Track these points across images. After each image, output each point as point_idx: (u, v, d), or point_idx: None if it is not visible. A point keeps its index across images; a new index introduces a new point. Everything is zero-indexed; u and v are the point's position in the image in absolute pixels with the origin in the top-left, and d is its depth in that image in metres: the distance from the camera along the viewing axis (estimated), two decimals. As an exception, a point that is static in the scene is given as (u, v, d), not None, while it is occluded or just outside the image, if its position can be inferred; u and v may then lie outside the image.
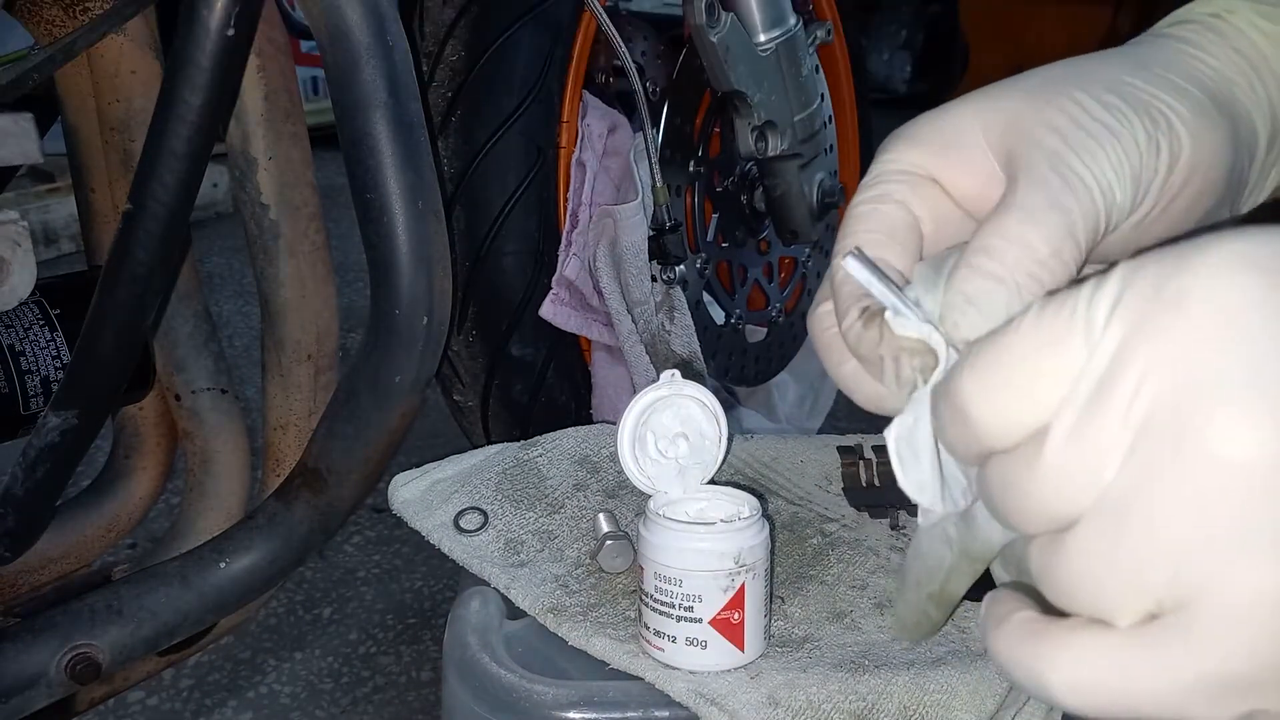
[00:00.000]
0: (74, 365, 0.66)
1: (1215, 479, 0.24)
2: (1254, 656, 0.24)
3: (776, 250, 1.35)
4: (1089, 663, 0.26)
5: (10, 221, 0.63)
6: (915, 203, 0.36)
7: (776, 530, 0.76)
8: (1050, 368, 0.26)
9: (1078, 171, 0.32)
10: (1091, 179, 0.32)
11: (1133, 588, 0.26)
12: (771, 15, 1.06)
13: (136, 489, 0.83)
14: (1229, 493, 0.24)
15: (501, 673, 0.60)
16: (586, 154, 1.12)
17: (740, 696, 0.58)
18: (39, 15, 0.70)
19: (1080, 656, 0.26)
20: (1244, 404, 0.24)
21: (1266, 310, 0.24)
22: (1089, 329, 0.26)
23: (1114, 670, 0.26)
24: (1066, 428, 0.26)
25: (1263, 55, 0.37)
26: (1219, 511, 0.24)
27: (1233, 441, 0.24)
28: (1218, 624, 0.24)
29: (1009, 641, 0.28)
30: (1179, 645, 0.25)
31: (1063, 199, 0.32)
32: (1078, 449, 0.26)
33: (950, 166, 0.36)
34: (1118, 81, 0.34)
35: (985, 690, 0.58)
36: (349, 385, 0.67)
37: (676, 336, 1.13)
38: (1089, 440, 0.26)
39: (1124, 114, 0.33)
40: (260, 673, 1.16)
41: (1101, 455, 0.26)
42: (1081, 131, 0.33)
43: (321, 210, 0.76)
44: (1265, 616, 0.24)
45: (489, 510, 0.75)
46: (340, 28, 0.60)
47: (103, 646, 0.63)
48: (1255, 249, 0.25)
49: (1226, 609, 0.24)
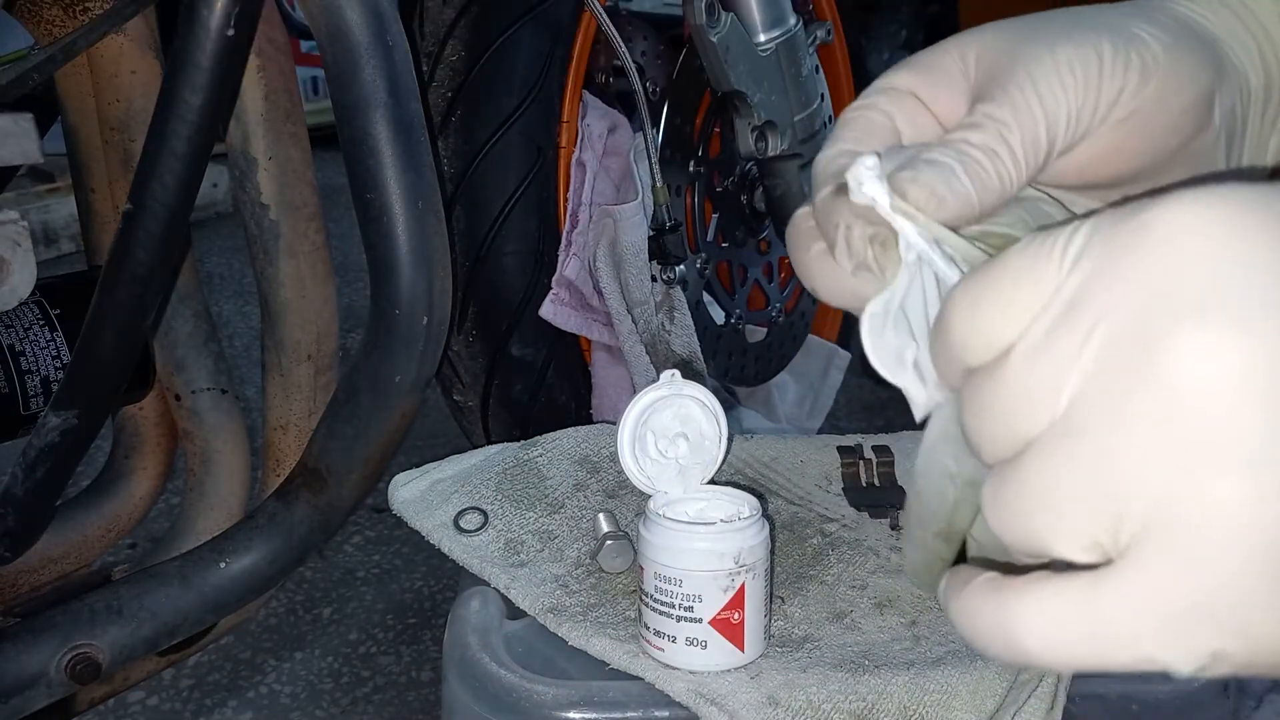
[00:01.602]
0: (74, 365, 0.66)
1: (1174, 397, 0.24)
2: (1221, 581, 0.24)
3: (776, 250, 1.35)
4: (1056, 612, 0.26)
5: (10, 221, 0.63)
6: (897, 114, 0.39)
7: (776, 530, 0.76)
8: (1027, 291, 0.27)
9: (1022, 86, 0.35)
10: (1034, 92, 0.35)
11: (1086, 510, 0.25)
12: (771, 15, 1.06)
13: (136, 489, 0.83)
14: (1190, 411, 0.24)
15: (501, 673, 0.60)
16: (586, 154, 1.12)
17: (740, 696, 0.58)
18: (39, 15, 0.70)
19: (1046, 607, 0.26)
20: (1204, 322, 0.24)
21: (1230, 236, 0.25)
22: (1064, 257, 0.27)
23: (1082, 614, 0.26)
24: (1030, 343, 0.27)
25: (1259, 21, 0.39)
26: (1178, 430, 0.24)
27: (1192, 360, 0.24)
28: (1180, 548, 0.24)
29: (971, 604, 0.28)
30: (1142, 576, 0.25)
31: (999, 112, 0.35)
32: (1038, 364, 0.26)
33: (931, 86, 0.39)
34: (1096, 11, 0.37)
35: (985, 690, 0.58)
36: (349, 385, 0.67)
37: (676, 336, 1.13)
38: (1050, 356, 0.26)
39: (1091, 29, 0.35)
40: (260, 673, 1.16)
41: (1061, 372, 0.26)
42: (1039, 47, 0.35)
43: (321, 210, 0.76)
44: (1232, 537, 0.24)
45: (489, 510, 0.75)
46: (340, 28, 0.60)
47: (103, 646, 0.63)
48: (1225, 190, 0.25)
49: (1189, 530, 0.24)
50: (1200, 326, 0.24)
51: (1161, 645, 0.25)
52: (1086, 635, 0.26)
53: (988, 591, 0.28)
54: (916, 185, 0.34)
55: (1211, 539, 0.24)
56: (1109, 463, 0.25)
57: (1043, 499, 0.26)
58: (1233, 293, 0.24)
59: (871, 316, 0.34)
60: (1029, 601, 0.27)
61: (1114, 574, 0.25)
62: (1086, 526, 0.26)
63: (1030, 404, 0.27)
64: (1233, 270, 0.24)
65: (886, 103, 0.39)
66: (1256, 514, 0.24)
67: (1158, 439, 0.24)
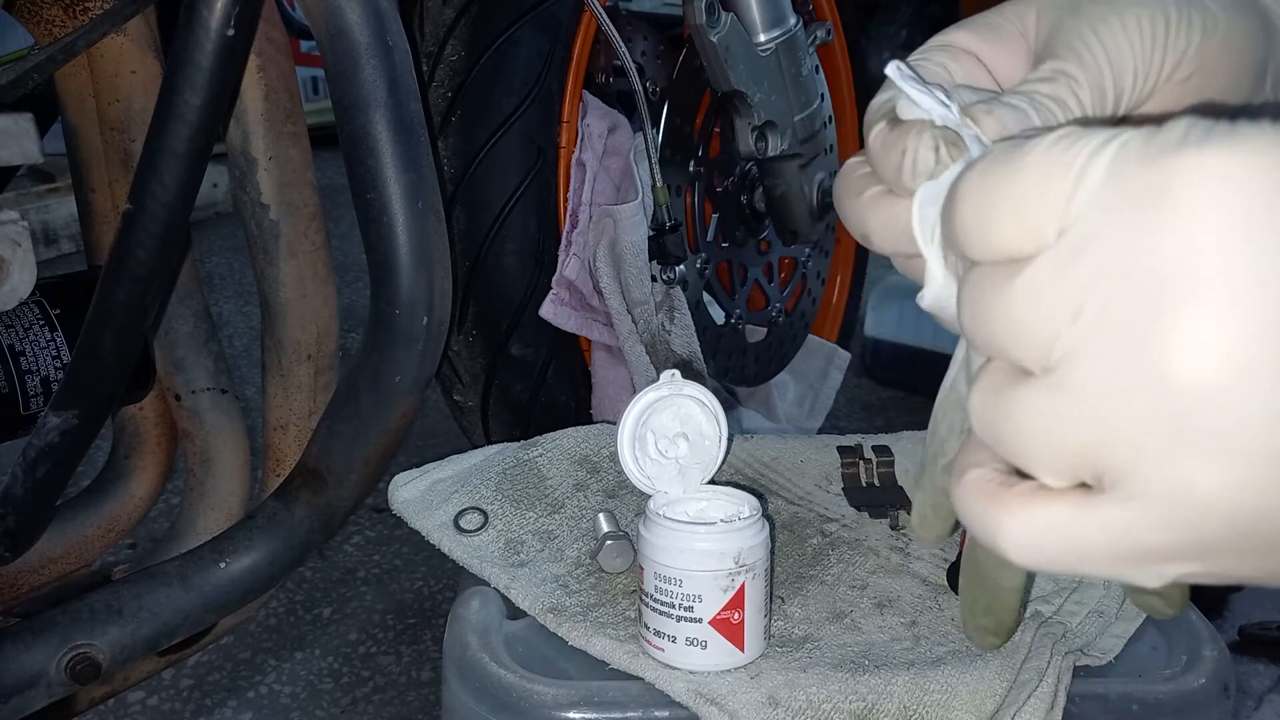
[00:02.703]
0: (74, 365, 0.66)
1: (1170, 370, 0.24)
2: (1196, 537, 0.26)
3: (776, 250, 1.35)
4: (1035, 528, 0.28)
5: (10, 221, 0.63)
6: (954, 68, 0.39)
7: (776, 530, 0.76)
8: (1037, 206, 0.27)
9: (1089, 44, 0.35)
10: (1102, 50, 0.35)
11: (1064, 456, 0.27)
12: (771, 15, 1.06)
13: (136, 489, 0.83)
14: (1184, 387, 0.24)
15: (501, 673, 0.60)
16: (586, 154, 1.12)
17: (740, 696, 0.58)
18: (39, 15, 0.69)
19: (1030, 520, 0.28)
20: (1211, 303, 0.24)
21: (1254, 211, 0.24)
22: (1081, 181, 0.26)
23: (1063, 533, 0.27)
24: (1033, 279, 0.27)
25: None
26: (1170, 402, 0.24)
27: (1192, 339, 0.24)
28: (1152, 509, 0.26)
29: (964, 496, 0.30)
30: (1117, 518, 0.26)
31: (1068, 67, 0.35)
32: (1038, 302, 0.27)
33: (989, 44, 0.39)
34: None
35: (985, 690, 0.58)
36: (349, 385, 0.67)
37: (676, 336, 1.13)
38: (1050, 300, 0.26)
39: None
40: (260, 673, 1.16)
41: (1057, 318, 0.26)
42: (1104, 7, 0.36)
43: (321, 210, 0.76)
44: (1196, 511, 0.25)
45: (489, 510, 0.75)
46: (340, 28, 0.60)
47: (103, 646, 0.63)
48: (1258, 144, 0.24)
49: (1160, 499, 0.25)
50: (1206, 307, 0.24)
51: (1135, 570, 0.27)
52: (1065, 550, 0.27)
53: (979, 493, 0.29)
54: (990, 117, 0.34)
55: (1187, 505, 0.25)
56: (1097, 417, 0.26)
57: (1027, 429, 0.27)
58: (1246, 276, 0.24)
59: (926, 187, 0.35)
60: (1015, 511, 0.28)
61: (1096, 505, 0.26)
62: (1066, 468, 0.27)
63: (1022, 337, 0.27)
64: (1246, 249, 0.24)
65: (944, 57, 0.39)
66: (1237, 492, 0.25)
67: (1149, 406, 0.25)
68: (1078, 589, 0.69)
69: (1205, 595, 1.26)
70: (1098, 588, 0.69)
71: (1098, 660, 0.63)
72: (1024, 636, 0.63)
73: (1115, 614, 0.67)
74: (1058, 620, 0.66)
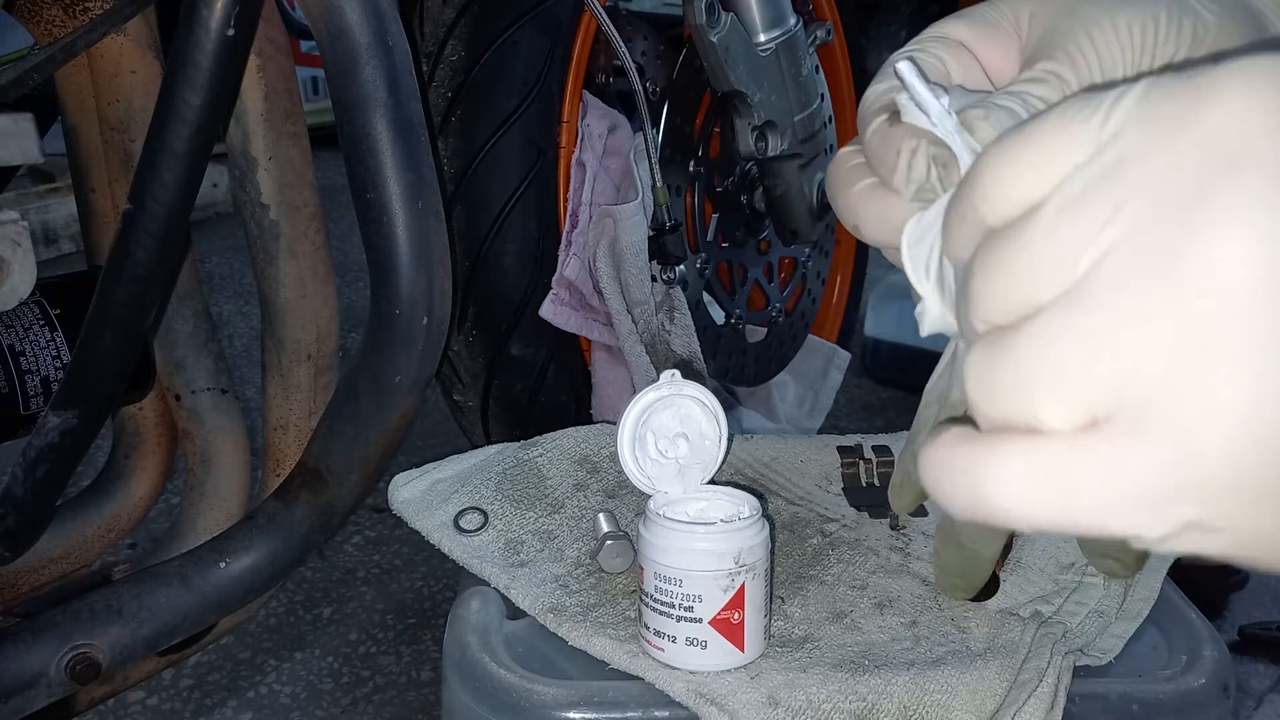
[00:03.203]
0: (74, 365, 0.66)
1: (1205, 275, 0.23)
2: (1210, 469, 0.24)
3: (776, 250, 1.35)
4: (1028, 470, 0.25)
5: (10, 221, 0.63)
6: (949, 61, 0.39)
7: (776, 530, 0.76)
8: (1065, 148, 0.26)
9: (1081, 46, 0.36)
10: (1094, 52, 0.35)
11: (1084, 377, 0.25)
12: (771, 15, 1.06)
13: (136, 489, 0.83)
14: (1217, 292, 0.23)
15: (501, 673, 0.60)
16: (586, 154, 1.12)
17: (740, 696, 0.58)
18: (39, 15, 0.69)
19: (1019, 464, 0.26)
20: (1257, 204, 0.23)
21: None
22: (1109, 116, 0.26)
23: (1057, 472, 0.25)
24: (1061, 200, 0.26)
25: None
26: (1199, 308, 0.23)
27: (1233, 243, 0.23)
28: (1170, 431, 0.24)
29: (941, 455, 0.27)
30: (1130, 446, 0.24)
31: (1060, 69, 0.35)
32: (1064, 224, 0.25)
33: (983, 38, 0.39)
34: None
35: (985, 690, 0.58)
36: (349, 385, 0.67)
37: (676, 336, 1.13)
38: (1079, 217, 0.25)
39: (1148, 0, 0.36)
40: (260, 673, 1.16)
41: (1088, 236, 0.25)
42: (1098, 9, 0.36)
43: (321, 210, 0.76)
44: (1230, 427, 0.23)
45: (489, 510, 0.75)
46: (340, 28, 0.60)
47: (103, 646, 0.63)
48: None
49: (1187, 413, 0.24)
50: (1251, 208, 0.23)
51: (1134, 514, 0.25)
52: (1058, 495, 0.25)
53: (961, 442, 0.27)
54: (987, 122, 0.34)
55: (1208, 425, 0.23)
56: (1120, 330, 0.24)
57: (1041, 362, 0.25)
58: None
59: (917, 220, 0.35)
60: (1003, 454, 0.26)
61: (1100, 439, 0.25)
62: (1082, 393, 0.25)
63: (1049, 265, 0.25)
64: None
65: (940, 49, 0.40)
66: (1259, 411, 0.23)
67: (1176, 313, 0.23)
68: (1078, 589, 0.69)
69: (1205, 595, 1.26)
70: (1098, 587, 0.69)
71: (1098, 660, 0.63)
72: (1024, 636, 0.63)
73: (1115, 614, 0.67)
74: (1058, 620, 0.66)
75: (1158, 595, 0.68)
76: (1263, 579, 1.37)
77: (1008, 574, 0.70)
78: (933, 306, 0.35)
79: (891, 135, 0.36)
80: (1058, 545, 0.72)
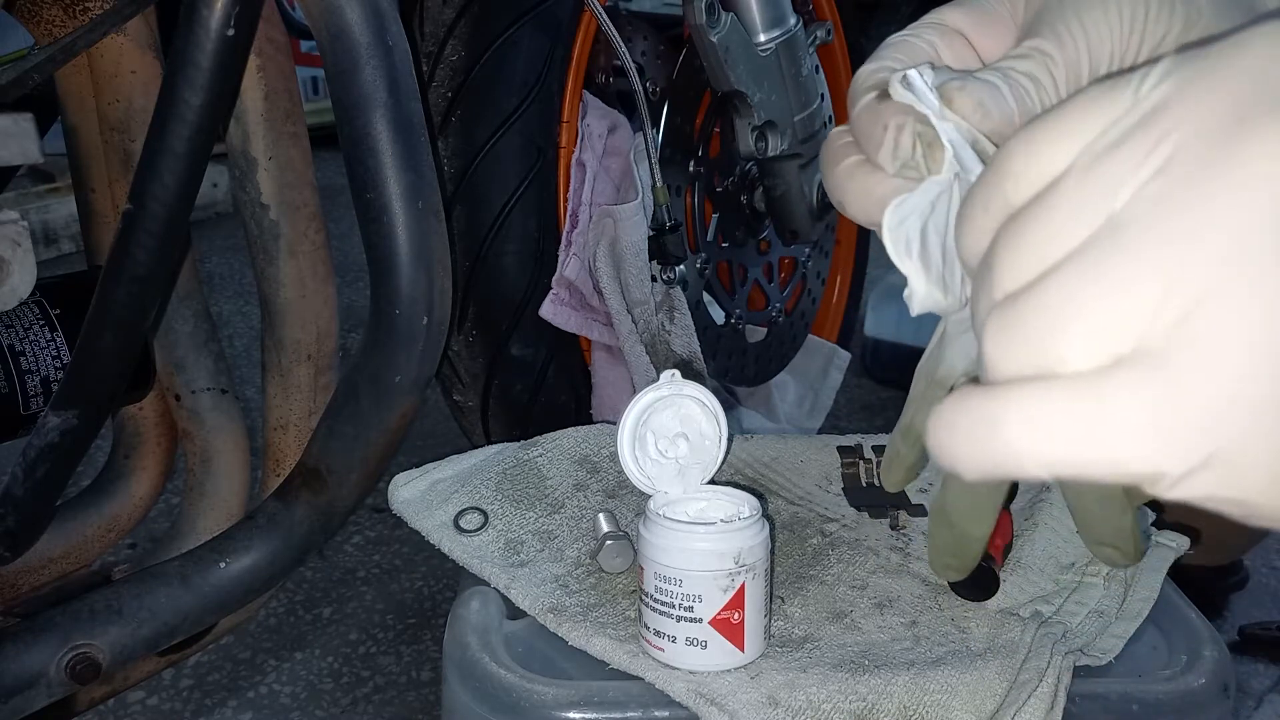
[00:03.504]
0: (74, 365, 0.66)
1: (1242, 200, 0.23)
2: (1246, 401, 0.23)
3: (776, 250, 1.35)
4: (1045, 411, 0.25)
5: (10, 221, 0.63)
6: (942, 47, 0.40)
7: (776, 530, 0.76)
8: (1098, 117, 0.26)
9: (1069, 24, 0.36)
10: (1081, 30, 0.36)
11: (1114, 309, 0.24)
12: (771, 15, 1.06)
13: (136, 489, 0.83)
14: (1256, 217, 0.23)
15: (501, 673, 0.60)
16: (586, 154, 1.12)
17: (740, 696, 0.58)
18: (39, 15, 0.69)
19: (1035, 402, 0.25)
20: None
21: None
22: (1142, 84, 0.26)
23: (1075, 410, 0.24)
24: (1093, 152, 0.26)
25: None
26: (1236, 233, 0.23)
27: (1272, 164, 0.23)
28: (1205, 357, 0.23)
29: (950, 412, 0.27)
30: (1151, 380, 0.24)
31: (1045, 46, 0.36)
32: (1095, 173, 0.25)
33: (979, 25, 0.40)
34: None
35: (985, 690, 0.58)
36: (349, 385, 0.67)
37: (676, 336, 1.13)
38: (1111, 164, 0.25)
39: None
40: (260, 673, 1.16)
41: (1119, 179, 0.25)
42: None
43: (321, 210, 0.76)
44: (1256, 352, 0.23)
45: (489, 510, 0.75)
46: (340, 28, 0.60)
47: (103, 646, 0.63)
48: None
49: (1221, 340, 0.23)
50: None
51: (1154, 448, 0.24)
52: (1077, 434, 0.24)
53: (970, 397, 0.26)
54: (964, 94, 0.35)
55: (1243, 353, 0.23)
56: (1151, 258, 0.24)
57: (1067, 304, 0.25)
58: None
59: (899, 203, 0.35)
60: (1016, 398, 0.25)
61: (1123, 374, 0.24)
62: (1109, 328, 0.24)
63: (1081, 211, 0.25)
64: None
65: (933, 35, 0.40)
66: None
67: (1212, 238, 0.23)
68: (1078, 589, 0.69)
69: (1205, 595, 1.26)
70: (1098, 587, 0.69)
71: (1098, 660, 0.63)
72: (1024, 636, 0.63)
73: (1115, 614, 0.67)
74: (1058, 620, 0.66)
75: (1158, 595, 0.68)
76: (1263, 579, 1.37)
77: (1008, 574, 0.70)
78: (918, 285, 0.35)
79: (879, 112, 0.37)
80: (1058, 545, 0.72)
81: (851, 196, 0.38)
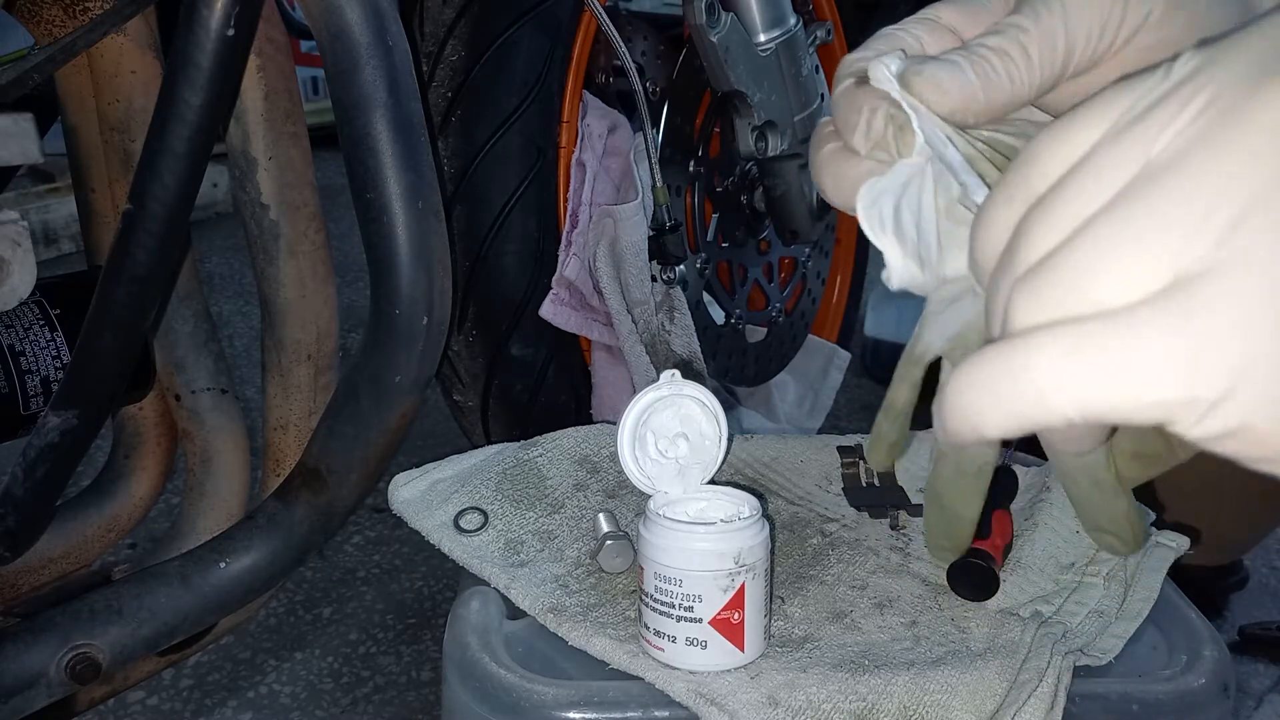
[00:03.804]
0: (74, 365, 0.66)
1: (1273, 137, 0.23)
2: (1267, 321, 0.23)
3: (776, 250, 1.35)
4: (1076, 347, 0.25)
5: (10, 221, 0.63)
6: (929, 42, 0.40)
7: (776, 530, 0.76)
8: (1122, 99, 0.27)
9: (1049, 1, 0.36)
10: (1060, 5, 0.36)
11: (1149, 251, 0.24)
12: (771, 15, 1.06)
13: (136, 489, 0.83)
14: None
15: (501, 673, 0.60)
16: (586, 154, 1.12)
17: (740, 696, 0.58)
18: (39, 15, 0.69)
19: (1067, 343, 0.25)
20: None
21: None
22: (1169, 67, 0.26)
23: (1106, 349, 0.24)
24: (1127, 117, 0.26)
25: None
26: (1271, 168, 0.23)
27: None
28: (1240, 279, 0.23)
29: (973, 361, 0.27)
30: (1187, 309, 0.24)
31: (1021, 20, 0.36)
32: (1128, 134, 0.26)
33: (972, 19, 0.40)
34: None
35: (985, 690, 0.58)
36: (349, 385, 0.67)
37: (676, 336, 1.13)
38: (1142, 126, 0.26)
39: None
40: (260, 673, 1.16)
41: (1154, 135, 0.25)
42: None
43: (321, 210, 0.76)
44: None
45: (489, 510, 0.75)
46: (340, 28, 0.60)
47: (103, 646, 0.63)
48: None
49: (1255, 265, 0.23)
50: None
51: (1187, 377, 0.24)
52: (1110, 367, 0.24)
53: (993, 349, 0.26)
54: (920, 77, 0.35)
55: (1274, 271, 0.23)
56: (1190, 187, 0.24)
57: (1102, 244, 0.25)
58: None
59: (873, 182, 0.37)
60: (1048, 340, 0.25)
61: (1159, 302, 0.24)
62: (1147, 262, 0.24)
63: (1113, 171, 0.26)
64: None
65: (922, 31, 0.40)
66: None
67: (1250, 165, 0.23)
68: (1078, 589, 0.69)
69: (1205, 595, 1.26)
70: (1098, 587, 0.69)
71: (1098, 660, 0.63)
72: (1024, 636, 0.63)
73: (1115, 614, 0.67)
74: (1058, 620, 0.66)
75: (1158, 595, 0.68)
76: (1263, 579, 1.37)
77: (1008, 574, 0.70)
78: (894, 259, 0.36)
79: (856, 96, 0.38)
80: (1058, 545, 0.72)
81: (828, 179, 0.39)
